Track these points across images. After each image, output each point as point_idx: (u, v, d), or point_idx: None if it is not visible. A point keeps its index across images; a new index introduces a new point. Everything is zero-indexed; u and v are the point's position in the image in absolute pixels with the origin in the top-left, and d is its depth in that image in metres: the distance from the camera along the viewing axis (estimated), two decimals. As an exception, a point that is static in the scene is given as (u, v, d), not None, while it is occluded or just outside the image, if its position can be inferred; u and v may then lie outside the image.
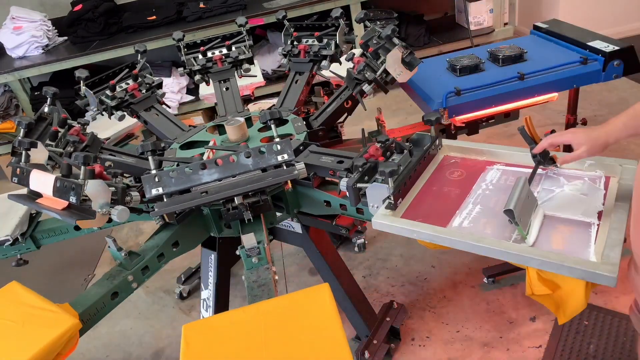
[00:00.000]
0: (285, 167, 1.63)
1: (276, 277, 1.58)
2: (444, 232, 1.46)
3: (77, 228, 2.10)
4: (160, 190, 1.58)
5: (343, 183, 1.58)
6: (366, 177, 1.58)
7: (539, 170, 1.62)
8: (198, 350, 1.28)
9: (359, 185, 1.55)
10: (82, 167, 1.49)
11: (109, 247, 1.73)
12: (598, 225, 1.40)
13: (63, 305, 1.57)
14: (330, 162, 1.72)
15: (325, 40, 2.35)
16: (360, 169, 1.56)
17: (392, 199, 1.52)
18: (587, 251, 1.33)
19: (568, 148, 1.51)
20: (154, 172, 1.61)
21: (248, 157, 1.61)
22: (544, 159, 1.59)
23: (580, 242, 1.36)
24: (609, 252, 1.28)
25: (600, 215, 1.43)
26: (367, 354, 2.07)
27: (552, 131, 1.59)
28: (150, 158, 1.64)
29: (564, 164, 1.55)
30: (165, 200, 1.61)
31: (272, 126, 1.71)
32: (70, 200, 1.48)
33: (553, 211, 1.48)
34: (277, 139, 1.68)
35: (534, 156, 1.59)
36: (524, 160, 1.68)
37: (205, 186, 1.64)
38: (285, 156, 1.60)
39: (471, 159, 1.81)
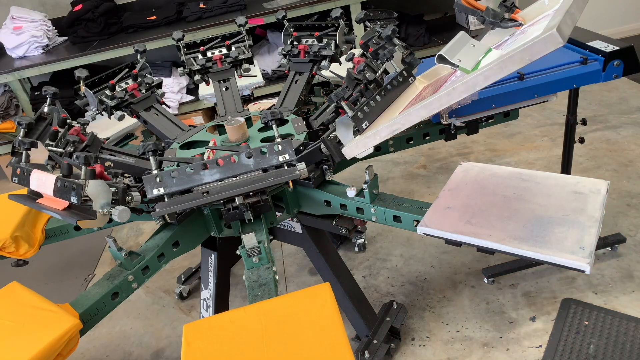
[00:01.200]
0: (286, 168, 1.63)
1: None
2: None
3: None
4: (162, 190, 1.58)
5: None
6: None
7: (506, 37, 1.55)
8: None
9: (330, 135, 1.59)
10: (83, 167, 1.49)
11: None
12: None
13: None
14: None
15: (325, 41, 2.35)
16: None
17: (355, 121, 1.55)
18: None
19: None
20: (155, 172, 1.61)
21: (249, 158, 1.61)
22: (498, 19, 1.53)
23: None
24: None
25: None
26: (367, 354, 2.07)
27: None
28: (151, 158, 1.64)
29: None
30: (166, 200, 1.61)
31: (274, 126, 1.71)
32: (71, 200, 1.48)
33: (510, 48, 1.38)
34: (279, 139, 1.68)
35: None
36: None
37: (206, 186, 1.65)
38: (287, 156, 1.60)
39: None
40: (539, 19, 1.50)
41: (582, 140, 2.50)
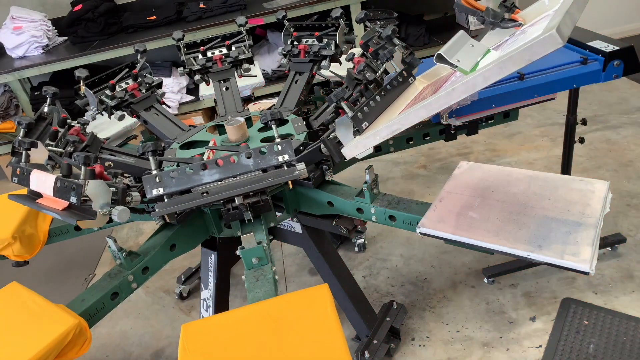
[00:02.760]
0: (285, 168, 1.63)
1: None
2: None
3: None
4: (161, 190, 1.58)
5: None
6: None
7: (506, 37, 1.54)
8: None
9: (330, 135, 1.60)
10: (83, 168, 1.49)
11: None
12: None
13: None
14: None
15: (325, 40, 2.35)
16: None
17: (355, 121, 1.56)
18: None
19: None
20: (154, 172, 1.61)
21: (249, 158, 1.61)
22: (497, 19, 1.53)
23: None
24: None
25: None
26: (367, 354, 2.07)
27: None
28: (151, 158, 1.64)
29: None
30: (165, 200, 1.61)
31: (273, 127, 1.71)
32: (71, 200, 1.48)
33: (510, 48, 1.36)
34: (278, 140, 1.68)
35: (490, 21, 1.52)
36: None
37: (205, 186, 1.65)
38: (286, 157, 1.60)
39: None
40: (539, 19, 1.49)
41: (582, 140, 2.50)
